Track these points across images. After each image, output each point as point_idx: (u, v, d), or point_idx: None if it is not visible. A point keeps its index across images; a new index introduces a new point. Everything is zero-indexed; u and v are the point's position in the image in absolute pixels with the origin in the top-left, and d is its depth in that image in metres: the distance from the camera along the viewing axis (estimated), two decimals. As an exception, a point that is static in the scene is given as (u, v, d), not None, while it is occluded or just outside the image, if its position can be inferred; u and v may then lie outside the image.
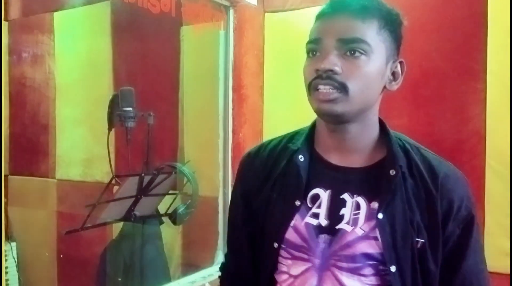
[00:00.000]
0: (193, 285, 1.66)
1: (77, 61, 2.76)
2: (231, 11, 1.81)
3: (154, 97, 2.39)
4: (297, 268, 0.75)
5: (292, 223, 0.74)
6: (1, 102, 1.91)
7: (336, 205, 0.73)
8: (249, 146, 1.96)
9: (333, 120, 0.72)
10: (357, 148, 0.75)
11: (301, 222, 0.74)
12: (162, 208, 1.87)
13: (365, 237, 0.71)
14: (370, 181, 0.73)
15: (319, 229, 0.73)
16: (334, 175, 0.75)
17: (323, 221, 0.73)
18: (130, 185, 1.60)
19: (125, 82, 2.53)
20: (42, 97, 2.80)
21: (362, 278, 0.71)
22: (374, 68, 0.69)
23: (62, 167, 2.68)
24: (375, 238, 0.71)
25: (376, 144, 0.76)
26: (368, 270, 0.71)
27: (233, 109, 1.82)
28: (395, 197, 0.71)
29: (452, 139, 1.52)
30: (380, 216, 0.70)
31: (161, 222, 1.91)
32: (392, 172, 0.71)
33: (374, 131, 0.76)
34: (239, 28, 1.83)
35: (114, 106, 1.97)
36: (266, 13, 1.94)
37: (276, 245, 0.75)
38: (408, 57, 0.77)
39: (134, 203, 1.64)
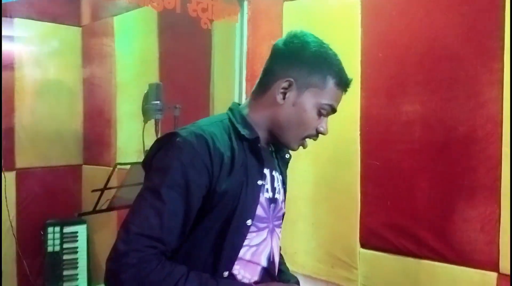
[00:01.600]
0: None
1: (133, 60, 3.04)
2: (245, 2, 1.84)
3: (190, 90, 2.54)
4: (259, 237, 0.92)
5: (260, 200, 0.92)
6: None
7: (272, 180, 0.96)
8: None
9: None
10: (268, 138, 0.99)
11: (263, 197, 0.93)
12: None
13: (283, 200, 1.01)
14: (274, 160, 1.01)
15: (269, 200, 0.95)
16: (268, 157, 0.97)
17: (270, 194, 0.95)
18: (136, 172, 1.73)
19: (168, 78, 2.73)
20: (106, 94, 3.14)
21: (280, 228, 1.01)
22: None
23: (121, 157, 2.97)
24: (284, 200, 1.02)
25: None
26: (281, 223, 1.01)
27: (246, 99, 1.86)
28: (284, 171, 1.05)
29: (466, 126, 1.37)
30: (285, 186, 1.04)
31: None
32: (287, 155, 1.04)
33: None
34: (253, 19, 1.86)
35: (147, 100, 2.14)
36: (285, 2, 1.94)
37: (250, 222, 0.89)
38: (418, 38, 0.82)
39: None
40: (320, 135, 0.94)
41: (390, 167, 1.59)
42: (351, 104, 1.72)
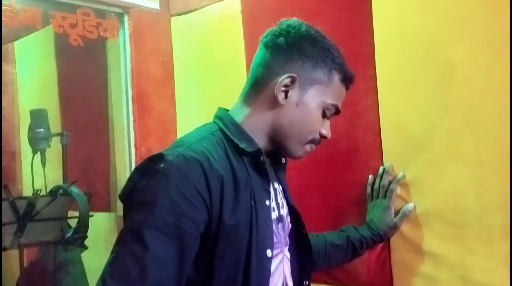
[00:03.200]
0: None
1: (34, 86, 2.81)
2: (126, 17, 1.70)
3: (89, 115, 2.34)
4: (273, 264, 0.77)
5: (272, 224, 0.78)
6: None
7: (275, 195, 0.83)
8: (158, 160, 1.84)
9: None
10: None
11: (273, 220, 0.79)
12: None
13: (287, 214, 0.86)
14: (271, 170, 0.85)
15: (277, 220, 0.80)
16: (267, 168, 0.81)
17: (276, 213, 0.81)
18: (4, 210, 1.52)
19: (68, 102, 2.52)
20: (9, 125, 2.87)
21: (288, 247, 0.86)
22: None
23: (27, 192, 2.68)
24: (289, 213, 0.86)
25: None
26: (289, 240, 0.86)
27: (134, 121, 1.69)
28: (284, 178, 0.90)
29: (348, 137, 1.28)
30: (287, 194, 0.89)
31: (82, 248, 1.80)
32: (283, 160, 0.88)
33: None
34: (136, 35, 1.71)
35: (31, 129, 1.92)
36: (173, 17, 1.82)
37: (270, 253, 0.73)
38: None
39: (19, 229, 1.54)
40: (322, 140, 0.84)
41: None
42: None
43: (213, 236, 0.69)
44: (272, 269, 0.76)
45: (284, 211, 0.84)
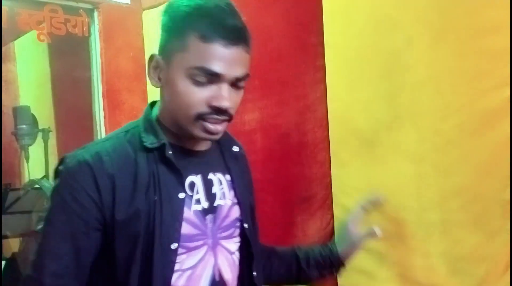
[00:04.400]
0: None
1: (32, 83, 2.90)
2: (96, 13, 1.71)
3: (77, 111, 2.39)
4: (193, 259, 0.75)
5: (184, 216, 0.75)
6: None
7: (208, 186, 0.79)
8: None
9: None
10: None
11: (189, 212, 0.76)
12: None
13: (232, 204, 0.81)
14: (218, 159, 0.82)
15: (204, 212, 0.78)
16: (196, 160, 0.79)
17: (205, 204, 0.78)
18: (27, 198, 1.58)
19: (60, 99, 2.59)
20: (12, 121, 2.98)
21: (234, 239, 0.81)
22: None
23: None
24: (237, 204, 0.82)
25: None
26: (236, 232, 0.81)
27: (104, 117, 1.71)
28: (237, 168, 0.83)
29: (298, 131, 1.25)
30: (235, 185, 0.82)
31: None
32: (236, 148, 0.84)
33: None
34: (106, 31, 1.73)
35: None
36: (144, 11, 1.82)
37: (175, 245, 0.73)
38: (253, 39, 0.64)
39: (-9, 222, 1.60)
40: (226, 113, 0.70)
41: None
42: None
43: (110, 232, 0.72)
44: (190, 263, 0.75)
45: (226, 202, 0.80)
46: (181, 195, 0.74)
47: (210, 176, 0.79)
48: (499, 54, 0.85)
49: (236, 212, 0.81)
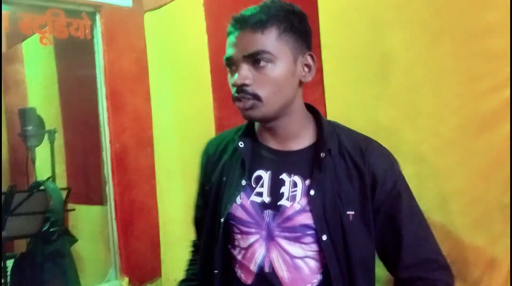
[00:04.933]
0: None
1: (39, 84, 2.94)
2: (97, 16, 1.72)
3: (83, 113, 2.41)
4: (245, 241, 0.84)
5: (239, 202, 0.83)
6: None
7: (276, 184, 0.82)
8: (133, 156, 1.86)
9: (259, 121, 0.83)
10: (289, 136, 0.83)
11: (247, 200, 0.83)
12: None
13: (302, 210, 0.80)
14: (304, 162, 0.82)
15: (264, 205, 0.82)
16: (273, 158, 0.84)
17: (266, 199, 0.82)
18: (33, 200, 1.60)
19: (66, 101, 2.61)
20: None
21: (303, 245, 0.80)
22: (281, 71, 0.77)
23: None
24: (311, 211, 0.79)
25: (309, 130, 0.85)
26: (308, 239, 0.80)
27: (108, 118, 1.73)
28: (325, 175, 0.80)
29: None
30: (312, 192, 0.79)
31: (71, 241, 1.87)
32: (322, 154, 0.80)
33: (303, 120, 0.84)
34: (109, 33, 1.74)
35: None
36: (146, 13, 1.83)
37: (222, 220, 0.84)
38: None
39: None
40: (243, 86, 0.77)
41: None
42: (206, 117, 1.60)
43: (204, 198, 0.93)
44: (244, 244, 0.84)
45: (293, 205, 0.80)
46: (243, 182, 0.84)
47: (284, 176, 0.82)
48: (497, 55, 0.84)
49: (305, 218, 0.79)
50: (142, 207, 1.80)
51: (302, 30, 0.79)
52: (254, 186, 0.83)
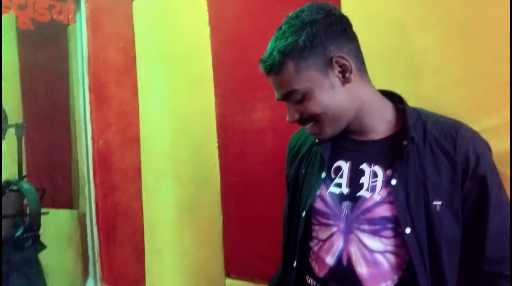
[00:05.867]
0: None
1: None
2: (82, 0, 1.57)
3: (50, 105, 2.21)
4: (324, 233, 0.83)
5: (318, 193, 0.83)
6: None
7: (356, 175, 0.81)
8: (118, 155, 1.72)
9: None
10: (367, 128, 0.83)
11: (326, 191, 0.83)
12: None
13: (383, 201, 0.77)
14: (385, 151, 0.80)
15: (342, 197, 0.81)
16: (353, 148, 0.83)
17: (345, 190, 0.81)
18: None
19: (29, 92, 2.38)
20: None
21: (383, 239, 0.77)
22: (317, 95, 0.78)
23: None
24: (392, 202, 0.76)
25: (389, 119, 0.83)
26: (388, 233, 0.76)
27: (91, 112, 1.57)
28: (408, 165, 0.77)
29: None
30: (394, 182, 0.76)
31: (40, 247, 1.68)
32: (405, 142, 0.77)
33: (380, 111, 0.83)
34: (94, 20, 1.59)
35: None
36: (135, 1, 1.69)
37: (304, 214, 0.85)
38: (263, 36, 0.72)
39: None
40: (300, 122, 0.85)
41: (247, 184, 1.38)
42: (206, 113, 1.50)
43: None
44: (322, 236, 0.83)
45: (373, 196, 0.78)
46: (323, 175, 0.84)
47: (364, 166, 0.81)
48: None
49: (386, 210, 0.76)
50: (126, 211, 1.66)
51: (319, 43, 0.77)
52: (333, 177, 0.83)
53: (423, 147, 0.77)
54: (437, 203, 0.74)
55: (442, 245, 0.74)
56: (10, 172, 2.05)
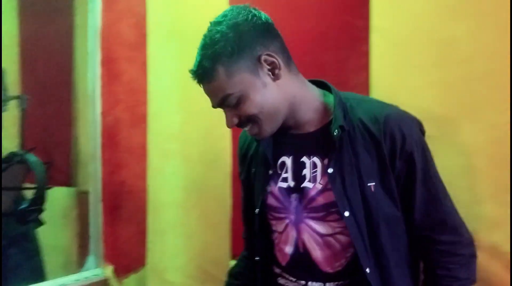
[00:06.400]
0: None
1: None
2: (97, -30, 1.52)
3: (51, 79, 2.15)
4: (280, 226, 0.91)
5: (269, 190, 0.91)
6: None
7: (298, 168, 0.88)
8: (126, 132, 1.69)
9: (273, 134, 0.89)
10: (303, 121, 0.88)
11: (275, 187, 0.90)
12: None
13: (324, 189, 0.85)
14: (320, 142, 0.86)
15: (289, 190, 0.89)
16: (292, 143, 0.89)
17: (291, 183, 0.89)
18: None
19: (29, 65, 2.31)
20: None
21: (331, 223, 0.85)
22: (252, 96, 0.82)
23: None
24: (331, 189, 0.83)
25: (323, 109, 0.89)
26: (333, 217, 0.84)
27: (101, 87, 1.53)
28: (341, 152, 0.83)
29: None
30: (330, 170, 0.83)
31: (38, 223, 1.64)
32: (335, 132, 0.83)
33: (312, 104, 0.89)
34: (107, -8, 1.54)
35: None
36: (149, -26, 1.65)
37: (257, 210, 0.93)
38: (286, 19, 0.62)
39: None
40: (239, 126, 0.90)
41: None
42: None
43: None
44: (280, 228, 0.92)
45: (315, 185, 0.86)
46: (270, 172, 0.90)
47: (304, 159, 0.87)
48: None
49: (327, 197, 0.84)
50: (130, 189, 1.63)
51: (247, 42, 0.81)
52: (279, 172, 0.89)
53: (353, 133, 0.83)
54: (371, 184, 0.81)
55: (380, 222, 0.82)
56: (4, 147, 1.99)
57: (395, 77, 1.10)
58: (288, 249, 0.90)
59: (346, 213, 0.81)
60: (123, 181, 1.62)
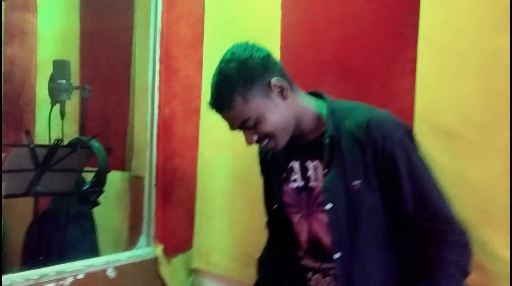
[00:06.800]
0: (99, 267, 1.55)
1: (54, 37, 2.79)
2: (161, -26, 1.66)
3: (110, 72, 2.32)
4: (295, 218, 1.10)
5: (283, 189, 1.10)
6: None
7: (304, 170, 1.06)
8: (180, 124, 1.83)
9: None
10: (307, 131, 1.06)
11: (288, 187, 1.10)
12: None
13: (328, 187, 1.01)
14: (318, 149, 1.02)
15: (299, 189, 1.08)
16: (298, 150, 1.07)
17: (300, 183, 1.07)
18: (19, 157, 1.52)
19: (89, 58, 2.50)
20: (26, 76, 2.86)
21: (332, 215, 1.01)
22: (268, 117, 0.99)
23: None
24: (331, 185, 1.00)
25: (320, 119, 1.05)
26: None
27: (160, 82, 1.68)
28: (333, 156, 0.99)
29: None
30: (325, 172, 1.01)
31: (94, 203, 1.82)
32: (326, 141, 1.00)
33: (312, 116, 1.06)
34: (170, -7, 1.68)
35: (53, 79, 1.92)
36: (207, -22, 1.77)
37: (275, 206, 1.13)
38: (335, 23, 0.72)
39: (36, 178, 1.56)
40: (257, 142, 1.06)
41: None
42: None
43: None
44: (295, 221, 1.11)
45: (317, 184, 1.04)
46: (283, 175, 1.10)
47: (308, 163, 1.05)
48: None
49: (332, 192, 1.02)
50: (182, 176, 1.78)
51: (257, 72, 0.97)
52: (290, 174, 1.08)
53: (343, 140, 0.98)
54: (356, 183, 0.95)
55: (362, 216, 0.96)
56: (65, 132, 2.19)
57: (441, 83, 1.17)
58: (304, 237, 1.08)
59: (328, 206, 0.98)
60: (176, 168, 1.77)
